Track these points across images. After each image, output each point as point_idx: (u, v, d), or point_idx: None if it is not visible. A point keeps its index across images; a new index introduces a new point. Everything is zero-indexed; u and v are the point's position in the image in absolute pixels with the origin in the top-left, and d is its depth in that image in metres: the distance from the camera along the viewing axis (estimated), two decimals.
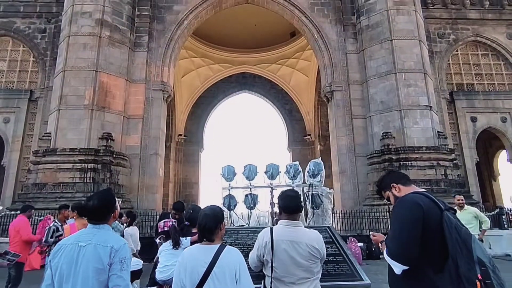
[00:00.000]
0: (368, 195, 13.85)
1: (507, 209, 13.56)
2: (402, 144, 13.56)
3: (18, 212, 6.43)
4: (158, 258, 3.38)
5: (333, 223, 14.27)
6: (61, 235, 4.89)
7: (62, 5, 15.18)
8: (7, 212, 11.46)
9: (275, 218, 4.82)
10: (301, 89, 24.94)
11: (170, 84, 15.22)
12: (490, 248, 11.40)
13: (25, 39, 15.84)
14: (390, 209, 11.61)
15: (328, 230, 4.40)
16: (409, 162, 13.28)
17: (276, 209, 4.17)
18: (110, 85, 13.37)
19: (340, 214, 13.28)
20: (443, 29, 17.48)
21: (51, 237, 5.04)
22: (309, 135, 25.17)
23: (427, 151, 13.48)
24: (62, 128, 12.59)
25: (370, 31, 15.08)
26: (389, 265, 2.03)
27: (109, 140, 12.94)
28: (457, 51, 17.54)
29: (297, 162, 4.93)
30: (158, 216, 11.39)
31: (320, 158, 5.12)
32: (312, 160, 5.12)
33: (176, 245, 3.13)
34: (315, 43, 15.92)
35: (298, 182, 4.93)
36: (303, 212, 4.96)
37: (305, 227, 2.58)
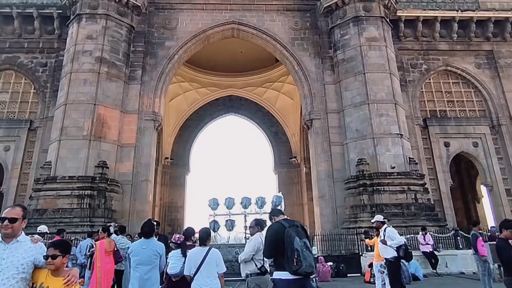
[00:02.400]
0: (346, 218, 15.78)
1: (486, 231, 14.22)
2: (375, 170, 15.75)
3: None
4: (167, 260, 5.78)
5: (315, 245, 16.41)
6: (93, 250, 7.27)
7: (63, 41, 17.86)
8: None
9: (248, 238, 7.28)
10: (286, 112, 27.28)
11: (161, 114, 17.75)
12: (446, 267, 12.94)
13: (27, 73, 18.31)
14: (359, 232, 13.86)
15: None
16: (382, 187, 15.45)
17: (249, 231, 6.60)
18: (107, 117, 15.82)
19: (320, 237, 15.00)
20: (415, 59, 20.22)
21: (88, 251, 7.44)
22: (295, 157, 27.25)
23: (398, 177, 15.68)
24: (62, 157, 14.89)
25: (345, 64, 17.78)
26: None
27: (104, 168, 15.21)
28: (429, 79, 20.09)
29: (264, 195, 7.44)
30: None
31: (281, 192, 7.61)
32: (274, 194, 7.66)
33: (184, 255, 5.66)
34: (295, 74, 18.65)
35: (264, 210, 7.47)
36: None
37: None
